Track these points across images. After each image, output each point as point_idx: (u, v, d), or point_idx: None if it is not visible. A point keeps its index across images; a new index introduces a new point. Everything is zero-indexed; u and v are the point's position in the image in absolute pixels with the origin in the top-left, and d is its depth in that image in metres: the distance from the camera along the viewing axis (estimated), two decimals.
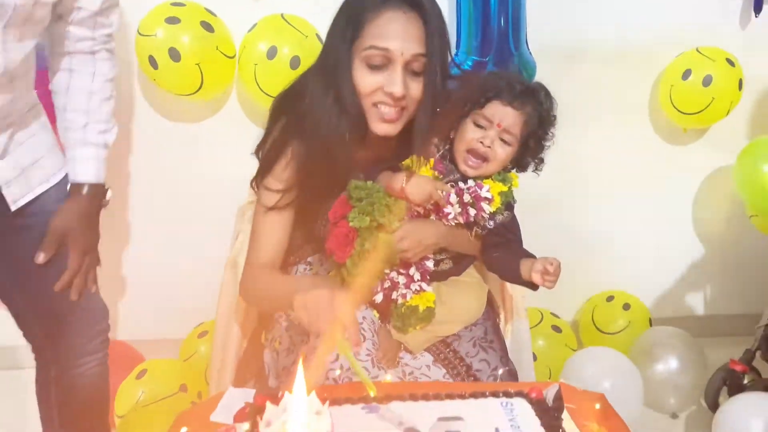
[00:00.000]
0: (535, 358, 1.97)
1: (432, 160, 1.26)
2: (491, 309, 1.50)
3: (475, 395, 0.87)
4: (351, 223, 1.15)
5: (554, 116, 1.28)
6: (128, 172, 2.07)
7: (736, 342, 2.01)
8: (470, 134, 1.23)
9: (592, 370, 1.84)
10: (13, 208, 1.15)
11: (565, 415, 0.89)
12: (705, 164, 2.26)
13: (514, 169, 1.30)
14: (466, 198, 1.22)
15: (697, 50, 2.00)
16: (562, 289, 1.28)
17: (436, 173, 1.26)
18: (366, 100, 1.20)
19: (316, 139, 1.22)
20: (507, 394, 0.88)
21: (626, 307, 2.21)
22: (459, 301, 1.36)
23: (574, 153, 2.15)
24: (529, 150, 1.27)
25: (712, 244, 2.36)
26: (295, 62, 1.77)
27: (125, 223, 2.12)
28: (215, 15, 1.83)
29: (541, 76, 1.97)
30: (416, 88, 1.19)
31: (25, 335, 1.31)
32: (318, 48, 1.83)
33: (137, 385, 1.77)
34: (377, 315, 1.32)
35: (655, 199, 2.27)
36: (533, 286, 1.28)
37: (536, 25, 1.97)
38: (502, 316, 1.54)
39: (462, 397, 0.87)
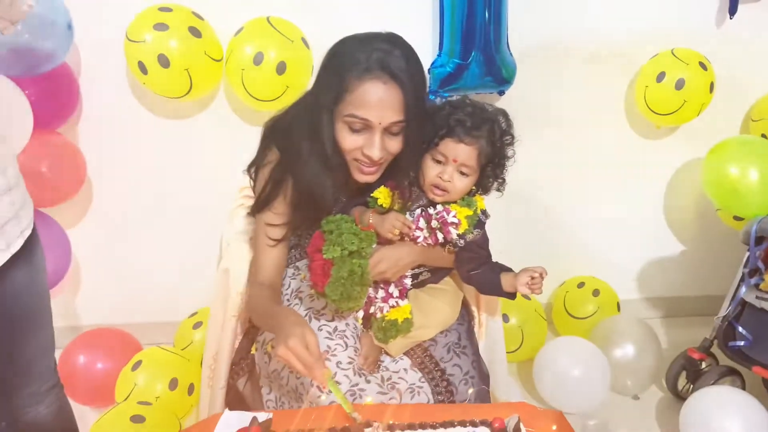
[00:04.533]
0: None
1: (398, 193, 1.35)
2: (467, 312, 1.61)
3: (444, 425, 0.99)
4: (324, 255, 1.25)
5: (511, 138, 1.35)
6: (121, 164, 2.13)
7: (702, 321, 2.14)
8: (430, 170, 1.32)
9: (564, 360, 1.97)
10: None
11: None
12: (676, 158, 2.36)
13: (479, 191, 1.38)
14: (434, 224, 1.32)
15: (672, 52, 2.06)
16: None
17: (404, 201, 1.36)
18: (347, 155, 1.28)
19: (303, 183, 1.31)
20: (473, 424, 0.99)
21: (596, 293, 2.34)
22: (435, 307, 1.47)
23: (551, 147, 2.25)
24: (488, 176, 1.35)
25: (681, 233, 2.48)
26: (281, 68, 1.82)
27: (120, 213, 2.20)
28: (202, 18, 1.86)
29: (521, 76, 2.05)
30: (394, 145, 1.27)
31: None
32: (304, 52, 1.89)
33: (133, 376, 1.88)
34: (360, 322, 1.43)
35: (628, 189, 2.38)
36: (511, 296, 1.39)
37: (517, 27, 2.02)
38: (477, 319, 1.65)
39: (433, 427, 0.98)
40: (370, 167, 1.29)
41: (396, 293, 1.38)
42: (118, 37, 1.84)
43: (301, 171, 1.31)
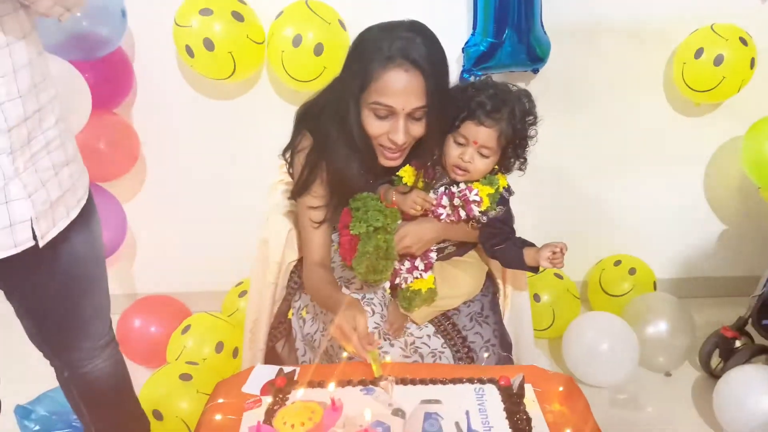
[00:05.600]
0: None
1: (422, 172, 1.41)
2: (492, 284, 1.67)
3: (453, 381, 1.06)
4: (351, 231, 1.33)
5: (533, 118, 1.38)
6: (172, 142, 2.27)
7: (741, 302, 2.10)
8: (452, 151, 1.37)
9: (592, 333, 2.01)
10: (41, 243, 1.14)
11: (532, 398, 1.08)
12: (717, 135, 2.32)
13: (502, 170, 1.43)
14: (457, 202, 1.38)
15: (711, 28, 2.03)
16: (572, 251, 1.43)
17: (428, 180, 1.42)
18: (374, 141, 1.36)
19: (334, 166, 1.41)
20: (481, 381, 1.07)
21: (632, 271, 2.34)
22: (459, 278, 1.54)
23: (589, 124, 2.26)
24: (510, 156, 1.40)
25: (721, 212, 2.45)
26: (319, 49, 1.90)
27: (172, 188, 2.35)
28: (245, 3, 1.96)
29: (556, 54, 2.06)
30: (417, 129, 1.34)
31: (36, 346, 1.39)
32: (341, 34, 1.96)
33: (182, 339, 2.03)
34: (388, 291, 1.52)
35: (666, 167, 2.36)
36: (535, 270, 1.45)
37: (552, 4, 2.03)
38: (502, 292, 1.70)
39: (443, 382, 1.06)
40: (394, 152, 1.36)
41: (421, 266, 1.46)
42: (168, 22, 1.96)
43: (331, 155, 1.40)
